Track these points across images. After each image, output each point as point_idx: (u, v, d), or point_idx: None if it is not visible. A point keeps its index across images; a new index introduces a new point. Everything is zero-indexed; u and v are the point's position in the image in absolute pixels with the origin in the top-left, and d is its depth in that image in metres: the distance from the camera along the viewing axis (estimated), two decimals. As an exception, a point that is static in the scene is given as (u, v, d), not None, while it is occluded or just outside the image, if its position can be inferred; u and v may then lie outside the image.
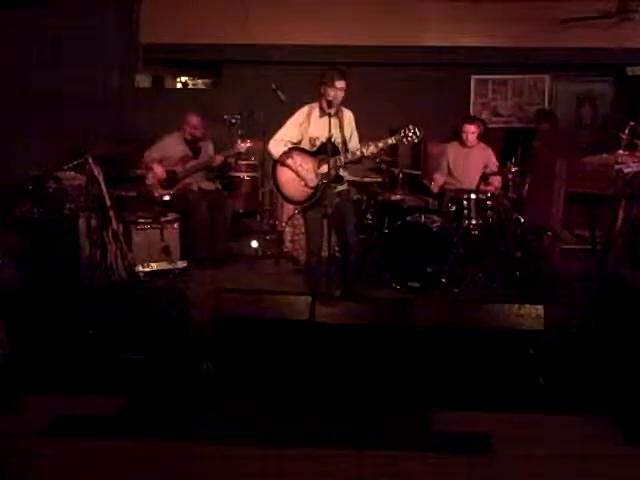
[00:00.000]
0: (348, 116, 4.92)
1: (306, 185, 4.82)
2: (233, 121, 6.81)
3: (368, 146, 4.72)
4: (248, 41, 7.93)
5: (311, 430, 3.38)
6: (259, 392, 3.75)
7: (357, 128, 5.00)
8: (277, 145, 4.87)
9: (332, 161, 4.60)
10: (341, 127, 4.81)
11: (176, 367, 3.98)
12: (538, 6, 7.74)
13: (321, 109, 4.79)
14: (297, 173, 4.83)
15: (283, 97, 6.32)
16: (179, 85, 9.72)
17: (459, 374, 3.83)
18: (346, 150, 4.80)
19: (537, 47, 7.88)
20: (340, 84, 4.69)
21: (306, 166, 4.82)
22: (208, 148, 6.49)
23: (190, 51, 8.18)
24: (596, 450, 3.22)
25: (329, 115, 4.59)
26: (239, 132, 6.76)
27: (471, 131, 6.22)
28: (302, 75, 7.61)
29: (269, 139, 5.12)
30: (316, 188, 4.79)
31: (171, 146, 6.36)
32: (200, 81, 9.67)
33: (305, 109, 4.85)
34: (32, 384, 3.76)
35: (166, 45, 8.09)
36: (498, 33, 7.83)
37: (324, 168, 4.70)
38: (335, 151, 4.69)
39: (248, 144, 6.44)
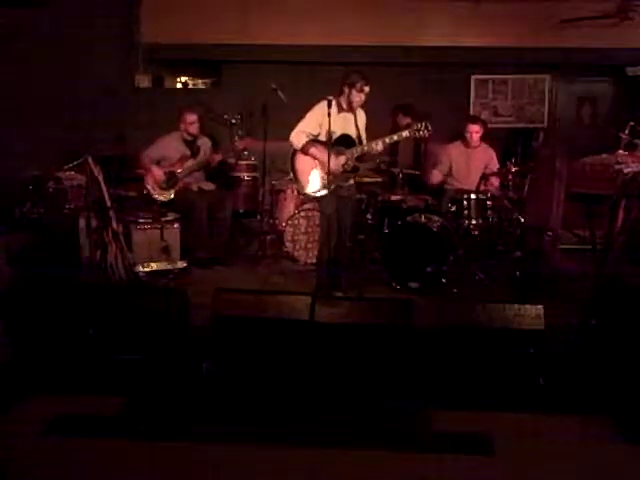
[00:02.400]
0: (362, 115, 5.16)
1: (324, 174, 4.96)
2: (233, 121, 6.81)
3: (383, 140, 4.96)
4: (248, 41, 7.93)
5: (311, 430, 3.39)
6: (259, 392, 3.75)
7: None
8: (298, 136, 5.04)
9: (349, 152, 4.97)
10: (355, 121, 5.06)
11: (176, 367, 3.98)
12: (538, 6, 7.73)
13: (339, 105, 4.96)
14: (318, 161, 5.00)
15: (283, 97, 6.32)
16: (179, 85, 9.71)
17: (459, 374, 3.83)
18: (360, 143, 5.06)
19: (537, 47, 7.88)
20: (367, 89, 4.97)
21: (325, 157, 4.93)
22: (206, 147, 6.49)
23: (190, 51, 8.17)
24: (596, 450, 3.22)
25: (344, 111, 4.99)
26: (239, 132, 6.75)
27: (475, 130, 6.25)
28: (302, 75, 7.66)
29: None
30: (332, 179, 4.92)
31: (169, 146, 6.36)
32: (200, 81, 9.66)
33: (324, 104, 4.93)
34: (32, 384, 3.76)
35: (166, 45, 8.08)
36: (498, 33, 7.83)
37: (342, 159, 4.95)
38: (351, 144, 5.00)
39: (247, 141, 6.44)
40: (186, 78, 9.63)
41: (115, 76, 7.95)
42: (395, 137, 4.99)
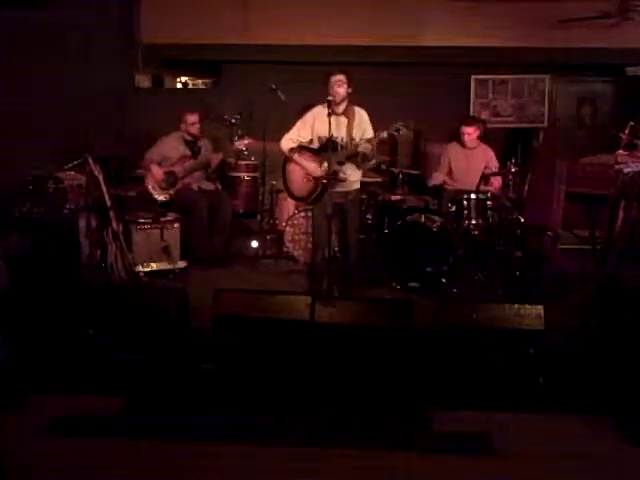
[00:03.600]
0: (360, 116, 5.01)
1: (308, 181, 4.92)
2: (233, 121, 6.81)
3: (362, 141, 4.87)
4: (248, 41, 7.93)
5: (311, 430, 3.38)
6: (259, 392, 3.75)
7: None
8: (287, 142, 5.05)
9: (331, 157, 4.77)
10: (349, 127, 4.92)
11: (176, 367, 3.98)
12: (538, 6, 7.73)
13: (330, 107, 4.84)
14: (302, 168, 4.97)
15: (283, 97, 6.33)
16: (179, 85, 9.72)
17: (459, 374, 3.83)
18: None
19: (537, 47, 7.88)
20: (335, 78, 4.83)
21: (310, 163, 4.92)
22: (207, 148, 6.49)
23: (190, 51, 8.17)
24: (596, 450, 3.22)
25: (335, 114, 4.79)
26: (238, 132, 6.76)
27: (468, 132, 6.24)
28: (302, 75, 7.65)
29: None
30: (317, 184, 4.89)
31: (170, 146, 6.36)
32: (200, 81, 9.66)
33: (315, 109, 4.98)
34: (32, 384, 3.76)
35: (166, 45, 8.08)
36: (498, 33, 7.82)
37: (325, 165, 4.82)
38: (335, 149, 4.85)
39: (247, 141, 6.45)
40: (186, 78, 9.64)
41: (115, 76, 7.94)
42: (374, 139, 4.85)
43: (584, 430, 3.39)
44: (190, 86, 9.66)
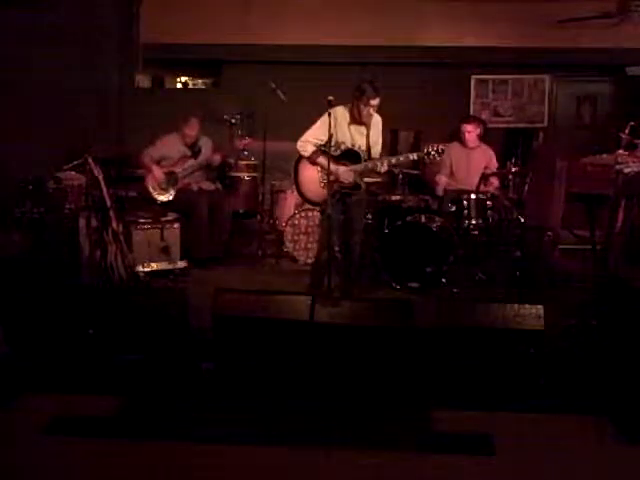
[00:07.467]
0: (377, 122, 4.95)
1: (325, 186, 4.84)
2: (233, 121, 6.82)
3: (389, 160, 4.87)
4: (248, 41, 7.94)
5: (311, 430, 3.38)
6: (259, 392, 3.75)
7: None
8: (306, 145, 4.90)
9: (352, 168, 4.78)
10: (367, 134, 4.88)
11: (176, 367, 3.98)
12: (538, 6, 7.74)
13: (351, 115, 4.82)
14: (323, 171, 4.84)
15: (283, 97, 6.33)
16: (179, 85, 9.73)
17: (459, 374, 3.83)
18: (369, 157, 4.88)
19: (537, 47, 7.89)
20: (375, 102, 4.75)
21: (332, 168, 4.77)
22: (207, 147, 6.49)
23: (190, 51, 8.18)
24: (596, 450, 3.22)
25: (356, 123, 4.79)
26: (238, 132, 6.76)
27: (468, 130, 6.23)
28: (302, 75, 7.66)
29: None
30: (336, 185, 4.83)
31: (170, 146, 6.36)
32: (200, 81, 9.68)
33: (334, 110, 4.74)
34: (32, 383, 3.76)
35: (166, 45, 8.09)
36: (498, 33, 7.84)
37: (345, 172, 4.78)
38: (357, 158, 4.82)
39: (246, 141, 6.44)
40: (186, 78, 9.65)
41: (115, 76, 7.95)
42: (402, 158, 4.89)
43: (584, 430, 3.39)
44: (190, 86, 9.67)
